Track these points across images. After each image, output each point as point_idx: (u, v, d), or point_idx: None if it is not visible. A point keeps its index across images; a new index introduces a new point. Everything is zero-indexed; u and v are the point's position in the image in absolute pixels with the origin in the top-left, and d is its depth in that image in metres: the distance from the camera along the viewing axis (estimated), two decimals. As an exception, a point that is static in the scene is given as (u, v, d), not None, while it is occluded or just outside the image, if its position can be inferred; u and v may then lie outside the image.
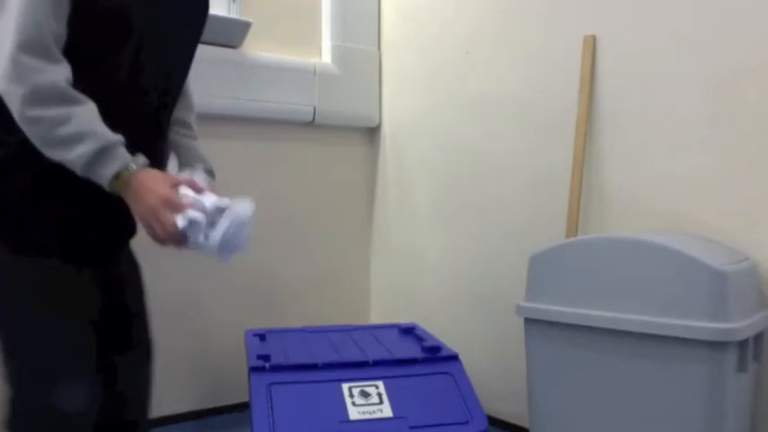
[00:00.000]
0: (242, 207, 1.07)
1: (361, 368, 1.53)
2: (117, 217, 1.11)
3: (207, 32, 1.23)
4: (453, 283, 2.10)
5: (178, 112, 1.27)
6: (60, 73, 0.99)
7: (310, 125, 2.24)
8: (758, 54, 1.38)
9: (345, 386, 1.52)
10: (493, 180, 1.96)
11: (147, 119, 1.16)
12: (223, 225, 1.04)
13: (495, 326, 1.91)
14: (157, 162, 1.13)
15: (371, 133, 2.43)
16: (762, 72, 1.37)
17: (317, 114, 2.22)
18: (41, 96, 0.96)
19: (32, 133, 0.98)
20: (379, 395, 1.50)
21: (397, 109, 2.34)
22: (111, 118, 1.02)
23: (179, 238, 1.03)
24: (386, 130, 2.38)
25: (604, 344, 1.34)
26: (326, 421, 1.31)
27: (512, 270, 1.68)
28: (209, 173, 1.23)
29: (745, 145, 1.40)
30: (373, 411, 1.47)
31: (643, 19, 1.58)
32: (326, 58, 2.28)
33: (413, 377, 1.58)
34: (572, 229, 1.65)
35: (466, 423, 1.47)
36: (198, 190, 1.07)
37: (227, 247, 1.05)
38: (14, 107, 0.97)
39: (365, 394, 1.47)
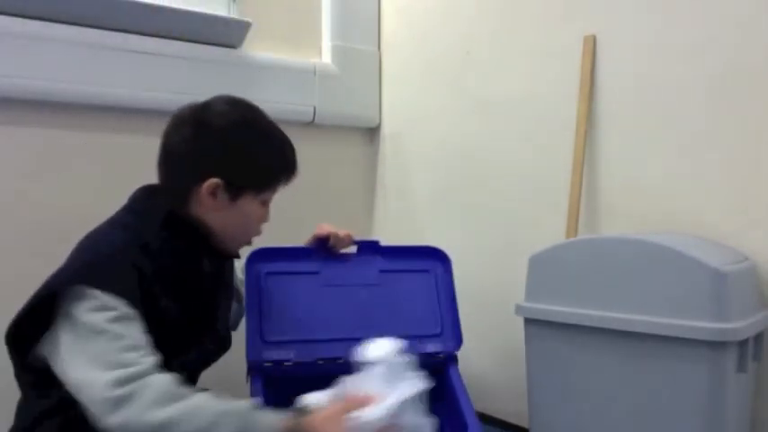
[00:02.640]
0: (408, 390, 1.08)
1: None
2: None
3: (207, 32, 1.20)
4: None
5: None
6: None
7: (310, 125, 2.24)
8: (758, 54, 1.38)
9: (345, 386, 1.51)
10: (493, 180, 1.96)
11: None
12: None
13: (495, 326, 1.91)
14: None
15: (371, 133, 2.42)
16: (762, 72, 1.37)
17: (316, 114, 2.21)
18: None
19: None
20: (379, 395, 1.49)
21: (397, 109, 2.33)
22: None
23: None
24: (386, 130, 2.38)
25: (604, 344, 1.34)
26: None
27: (512, 270, 1.67)
28: None
29: (745, 145, 1.40)
30: (373, 411, 1.46)
31: (643, 19, 1.58)
32: (326, 58, 2.28)
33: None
34: (572, 229, 1.65)
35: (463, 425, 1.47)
36: (360, 403, 1.04)
37: None
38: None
39: (365, 394, 1.46)
